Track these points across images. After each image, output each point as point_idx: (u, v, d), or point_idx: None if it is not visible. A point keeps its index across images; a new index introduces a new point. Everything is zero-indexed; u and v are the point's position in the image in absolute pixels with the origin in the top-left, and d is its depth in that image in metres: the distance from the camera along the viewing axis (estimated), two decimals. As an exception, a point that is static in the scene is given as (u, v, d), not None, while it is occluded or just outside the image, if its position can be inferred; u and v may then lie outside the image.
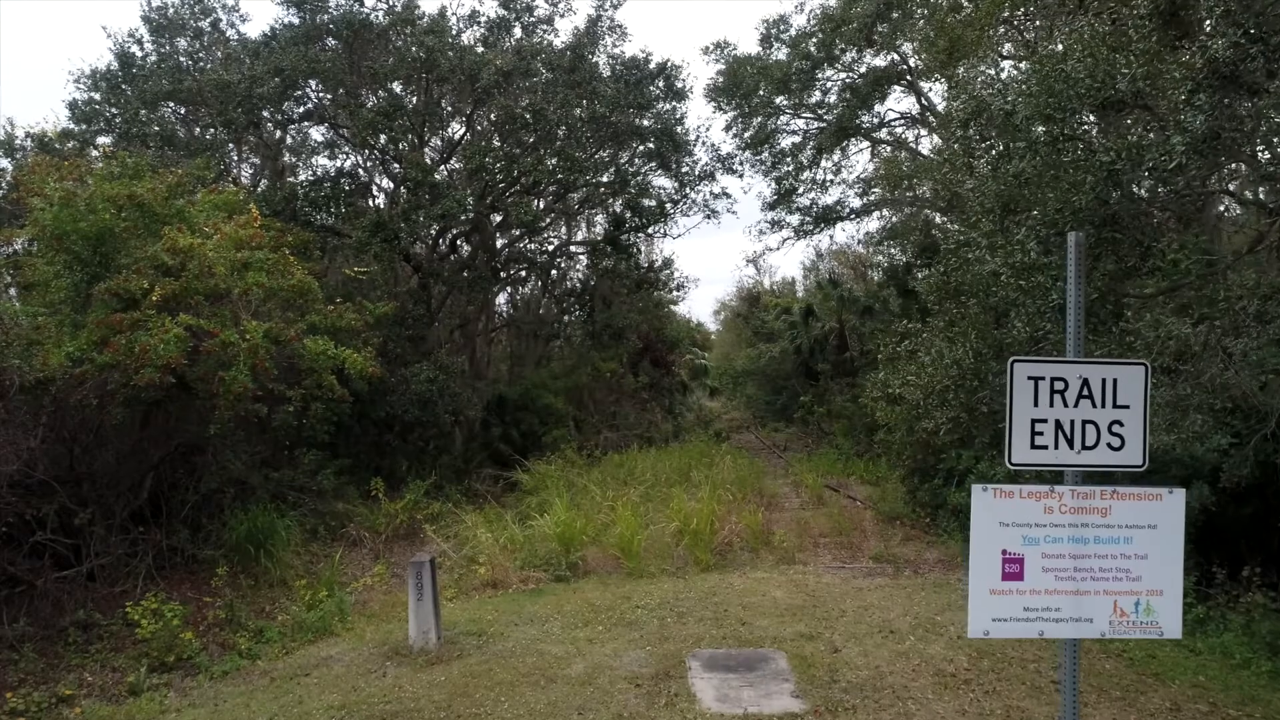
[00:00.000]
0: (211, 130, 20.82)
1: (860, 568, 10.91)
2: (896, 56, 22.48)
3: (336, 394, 12.94)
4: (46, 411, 11.33)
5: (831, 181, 26.28)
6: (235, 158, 23.11)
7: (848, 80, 23.20)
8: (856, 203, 27.01)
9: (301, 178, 22.93)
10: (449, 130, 23.81)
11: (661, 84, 23.07)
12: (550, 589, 10.38)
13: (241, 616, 10.65)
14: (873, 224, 28.82)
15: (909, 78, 22.66)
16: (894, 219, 27.01)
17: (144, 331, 10.30)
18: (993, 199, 6.62)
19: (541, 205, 24.04)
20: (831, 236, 37.86)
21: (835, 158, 25.69)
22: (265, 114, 21.41)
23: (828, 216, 26.72)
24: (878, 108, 23.63)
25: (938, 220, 24.26)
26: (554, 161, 20.83)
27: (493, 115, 22.15)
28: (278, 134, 23.28)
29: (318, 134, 24.24)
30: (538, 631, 8.58)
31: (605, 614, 9.03)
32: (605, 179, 23.59)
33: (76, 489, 11.81)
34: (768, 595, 9.48)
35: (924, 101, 23.17)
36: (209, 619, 10.30)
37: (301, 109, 22.05)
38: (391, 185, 23.26)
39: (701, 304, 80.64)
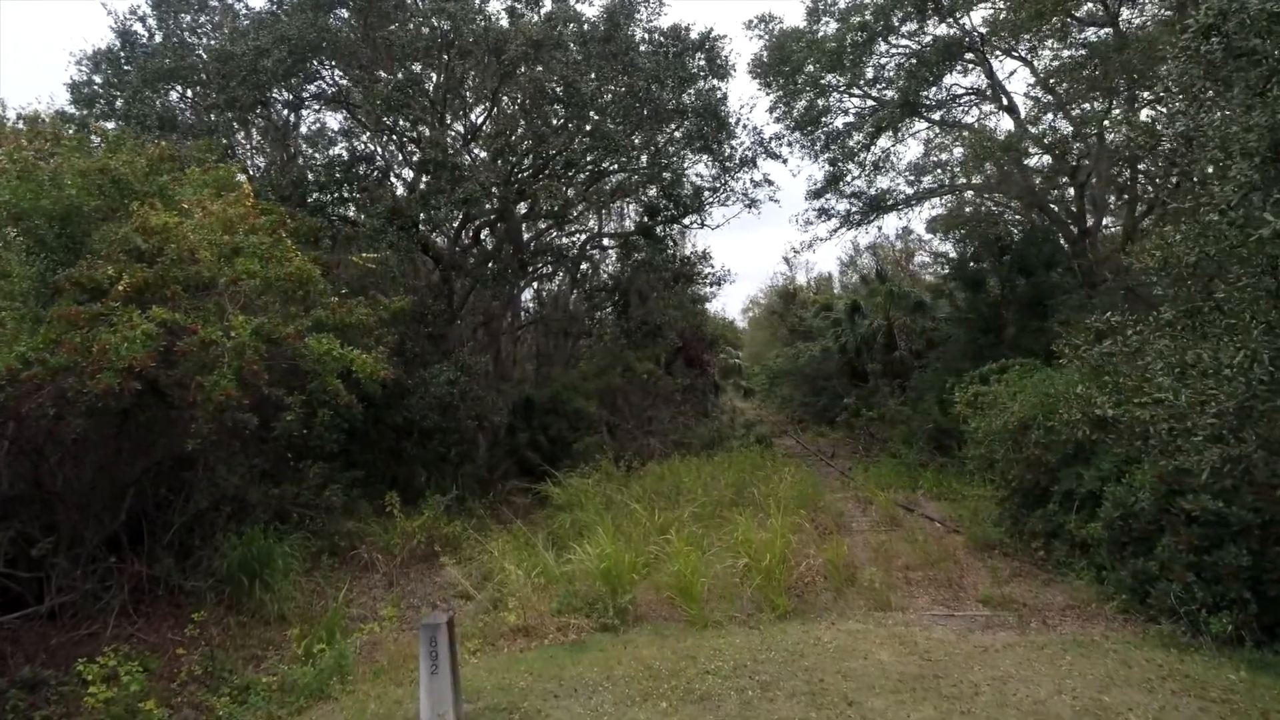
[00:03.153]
0: (217, 111, 19.11)
1: (974, 617, 8.93)
2: (961, 28, 20.44)
3: (342, 400, 11.19)
4: (10, 421, 9.69)
5: (885, 165, 24.23)
6: (243, 140, 21.48)
7: (910, 51, 21.14)
8: (908, 190, 24.96)
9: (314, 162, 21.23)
10: (473, 116, 22.05)
11: (703, 59, 21.15)
12: (595, 641, 8.50)
13: (224, 668, 8.92)
14: (926, 213, 26.72)
15: (976, 49, 20.57)
16: (962, 204, 24.85)
17: (106, 328, 8.57)
18: (1260, 134, 4.68)
19: (572, 192, 22.17)
20: (880, 228, 35.80)
21: (891, 140, 23.65)
22: (274, 93, 19.79)
23: (879, 204, 24.66)
24: (946, 79, 21.53)
25: (1007, 208, 22.20)
26: (587, 141, 18.95)
27: (519, 96, 20.36)
28: (289, 115, 21.60)
29: (334, 122, 22.60)
30: (584, 709, 6.72)
31: (668, 683, 7.14)
32: (642, 161, 21.67)
33: (44, 511, 10.16)
34: (871, 658, 7.55)
35: (992, 76, 21.06)
36: (184, 674, 8.50)
37: (313, 87, 20.37)
38: (411, 173, 21.54)
39: (731, 301, 78.17)
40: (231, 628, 10.21)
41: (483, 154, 20.56)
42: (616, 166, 21.36)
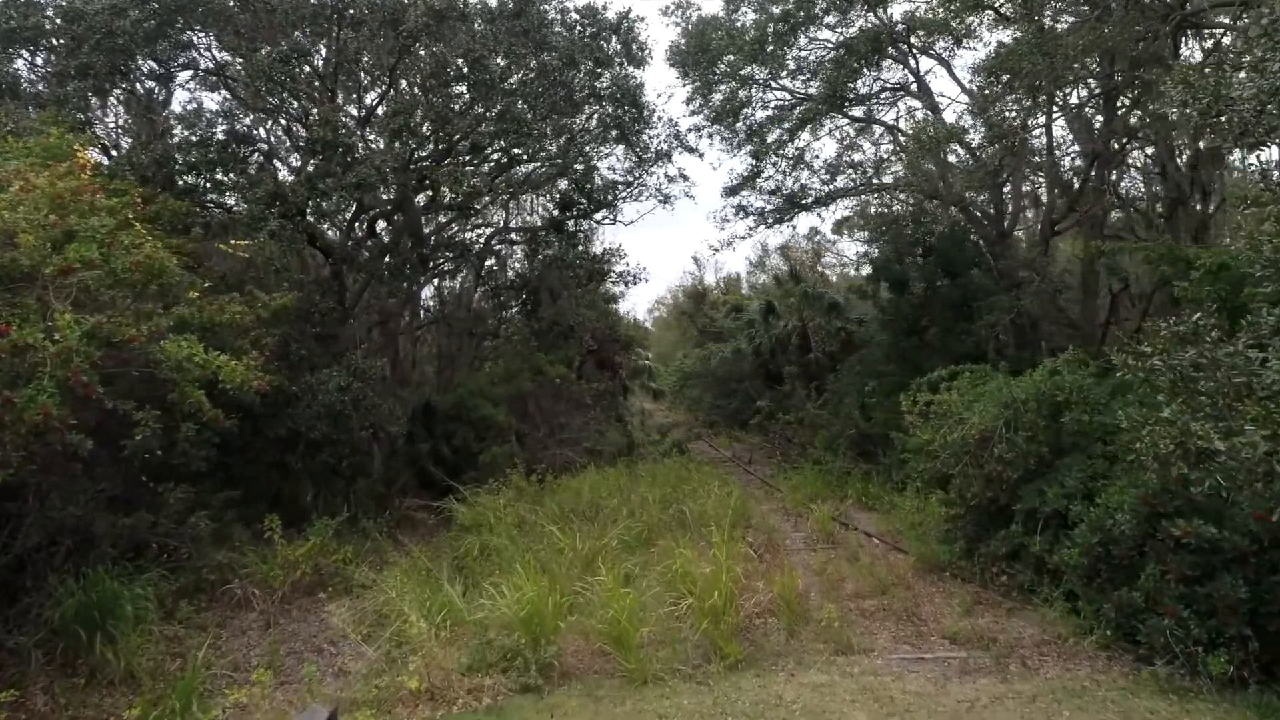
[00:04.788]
0: (70, 80, 16.65)
1: (946, 659, 7.94)
2: (887, 19, 19.85)
3: (206, 414, 9.47)
4: None
5: (803, 161, 23.50)
6: (104, 117, 18.95)
7: (835, 43, 20.43)
8: (824, 189, 24.29)
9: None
10: (368, 99, 20.11)
11: (618, 44, 19.88)
12: (514, 707, 7.10)
13: (46, 756, 7.13)
14: (838, 213, 26.11)
15: (898, 44, 20.01)
16: (870, 204, 24.43)
17: (-120, 329, 6.68)
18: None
19: (478, 182, 20.49)
20: (794, 227, 35.33)
21: (811, 135, 22.92)
22: (136, 62, 17.45)
23: (796, 201, 23.88)
24: (869, 74, 20.85)
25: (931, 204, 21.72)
26: (495, 126, 17.37)
27: (419, 76, 18.63)
28: (156, 89, 19.19)
29: (212, 102, 20.26)
30: (507, 811, 5.34)
31: (609, 767, 5.83)
32: (553, 150, 20.20)
33: None
34: (845, 720, 6.43)
35: (916, 73, 20.57)
36: (-12, 769, 6.69)
37: (184, 58, 18.11)
38: (299, 159, 19.46)
39: (639, 301, 76.83)
40: (61, 695, 8.35)
41: (379, 141, 18.71)
42: (526, 155, 19.85)
